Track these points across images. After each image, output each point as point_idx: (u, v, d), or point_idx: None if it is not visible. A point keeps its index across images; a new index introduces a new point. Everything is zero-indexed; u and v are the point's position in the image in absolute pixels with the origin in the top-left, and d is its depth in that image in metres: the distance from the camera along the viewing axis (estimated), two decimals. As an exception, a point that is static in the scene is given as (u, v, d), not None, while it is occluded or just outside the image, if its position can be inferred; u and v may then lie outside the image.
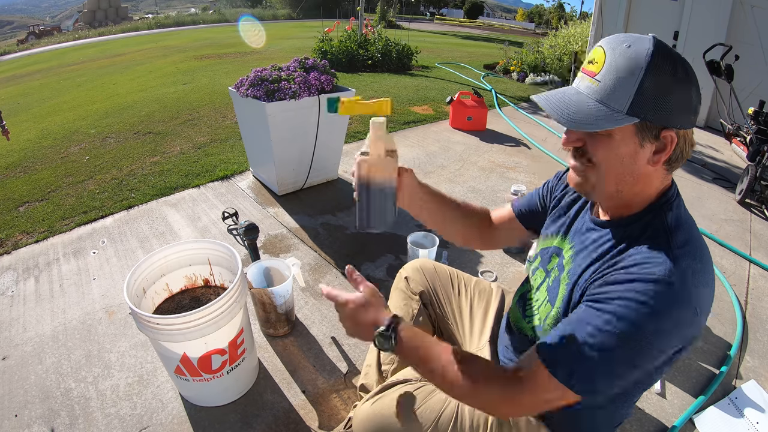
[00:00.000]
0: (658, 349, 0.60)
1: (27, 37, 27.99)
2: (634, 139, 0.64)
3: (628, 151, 0.65)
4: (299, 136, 2.51)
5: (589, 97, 0.64)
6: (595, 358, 0.61)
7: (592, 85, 0.64)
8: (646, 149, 0.64)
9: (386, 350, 0.73)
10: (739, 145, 3.88)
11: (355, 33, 7.11)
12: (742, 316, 1.87)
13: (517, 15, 57.81)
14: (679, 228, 0.66)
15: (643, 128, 0.63)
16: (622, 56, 0.61)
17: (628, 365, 0.61)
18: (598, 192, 0.71)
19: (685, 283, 0.59)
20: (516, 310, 0.94)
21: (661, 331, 0.59)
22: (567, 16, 20.83)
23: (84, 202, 2.60)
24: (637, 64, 0.60)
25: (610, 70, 0.62)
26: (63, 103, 5.76)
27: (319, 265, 2.07)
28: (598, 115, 0.62)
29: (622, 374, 0.62)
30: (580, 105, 0.64)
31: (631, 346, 0.60)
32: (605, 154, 0.66)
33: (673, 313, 0.59)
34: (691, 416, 1.39)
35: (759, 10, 4.42)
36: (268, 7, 31.28)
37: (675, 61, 0.60)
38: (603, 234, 0.73)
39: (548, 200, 0.97)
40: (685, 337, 0.61)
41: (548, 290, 0.82)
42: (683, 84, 0.61)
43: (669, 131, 0.63)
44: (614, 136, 0.64)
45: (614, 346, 0.60)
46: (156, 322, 1.09)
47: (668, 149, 0.64)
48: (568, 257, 0.79)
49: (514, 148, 3.76)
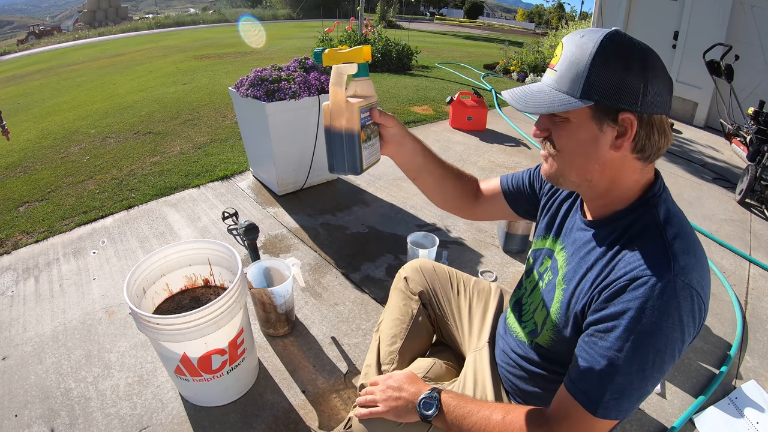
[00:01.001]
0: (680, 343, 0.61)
1: (27, 37, 27.98)
2: (592, 123, 0.65)
3: (587, 135, 0.66)
4: (299, 136, 2.51)
5: (549, 86, 0.67)
6: (633, 382, 0.62)
7: (551, 75, 0.68)
8: (606, 134, 0.65)
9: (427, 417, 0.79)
10: (739, 145, 3.88)
11: (355, 33, 7.10)
12: (742, 316, 1.87)
13: (517, 15, 57.79)
14: (669, 222, 0.66)
15: (599, 112, 0.64)
16: (576, 46, 0.64)
17: (659, 371, 0.62)
18: (565, 180, 0.73)
19: (687, 277, 0.60)
20: (512, 314, 0.94)
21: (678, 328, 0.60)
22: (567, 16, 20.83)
23: (84, 202, 2.60)
24: (587, 49, 0.63)
25: (564, 60, 0.65)
26: (63, 103, 5.76)
27: (319, 265, 2.07)
28: (554, 100, 0.65)
29: (655, 381, 0.63)
30: (540, 94, 0.67)
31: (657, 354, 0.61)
32: (566, 140, 0.69)
33: (682, 307, 0.60)
34: (691, 416, 1.39)
35: (759, 10, 4.42)
36: (268, 7, 31.29)
37: (628, 49, 0.62)
38: (593, 234, 0.73)
39: (538, 187, 0.96)
40: (696, 326, 0.63)
41: (543, 294, 0.82)
42: (637, 70, 0.61)
43: (627, 114, 0.63)
44: (572, 120, 0.66)
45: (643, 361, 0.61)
46: (156, 322, 1.09)
47: (629, 133, 0.64)
48: (561, 260, 0.79)
49: (514, 148, 3.76)
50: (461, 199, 1.03)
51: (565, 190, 0.88)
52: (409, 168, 0.95)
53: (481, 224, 2.46)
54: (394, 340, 1.12)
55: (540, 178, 0.96)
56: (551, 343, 0.79)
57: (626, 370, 0.61)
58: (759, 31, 4.46)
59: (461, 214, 1.08)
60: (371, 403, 0.86)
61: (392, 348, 1.11)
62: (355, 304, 1.82)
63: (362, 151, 0.77)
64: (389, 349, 1.11)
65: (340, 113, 0.73)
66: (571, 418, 0.66)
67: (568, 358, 0.73)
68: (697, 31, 4.79)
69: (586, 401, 0.64)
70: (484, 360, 0.98)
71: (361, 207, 2.61)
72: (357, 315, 1.76)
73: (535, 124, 0.73)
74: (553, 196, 0.91)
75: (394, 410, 0.82)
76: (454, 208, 1.05)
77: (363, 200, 2.70)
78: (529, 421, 0.71)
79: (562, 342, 0.76)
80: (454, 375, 1.05)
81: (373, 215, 2.53)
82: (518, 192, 0.99)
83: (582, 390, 0.65)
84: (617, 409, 0.63)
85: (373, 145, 0.83)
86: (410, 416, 0.81)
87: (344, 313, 1.77)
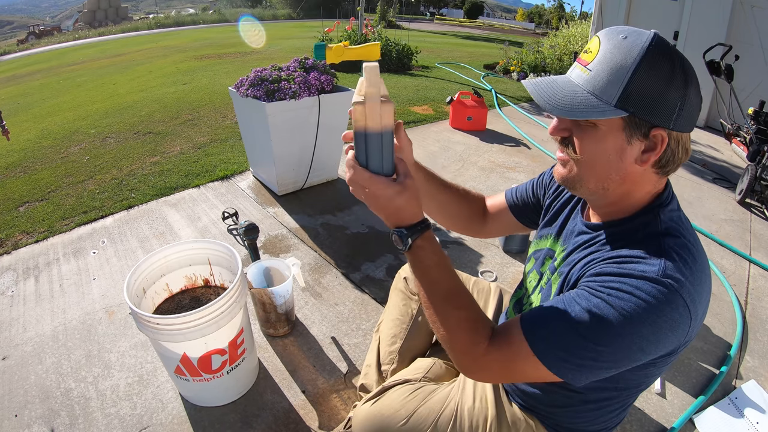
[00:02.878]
0: (640, 347, 0.58)
1: (27, 37, 27.99)
2: (621, 134, 0.62)
3: (614, 146, 0.63)
4: (299, 136, 2.51)
5: (579, 86, 0.62)
6: (575, 338, 0.59)
7: (583, 74, 0.63)
8: (634, 147, 0.62)
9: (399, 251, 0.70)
10: (739, 145, 3.88)
11: (355, 33, 7.10)
12: (742, 316, 1.87)
13: (517, 15, 57.81)
14: (672, 230, 0.64)
15: (632, 124, 0.60)
16: (617, 47, 0.59)
17: (607, 356, 0.59)
18: (582, 186, 0.69)
19: (679, 284, 0.57)
20: (513, 315, 0.94)
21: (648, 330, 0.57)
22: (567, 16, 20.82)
23: (84, 202, 2.60)
24: (630, 57, 0.58)
25: (602, 60, 0.60)
26: (63, 103, 5.76)
27: (319, 265, 2.07)
28: (586, 104, 0.60)
29: (597, 361, 0.59)
30: (569, 93, 0.62)
31: (615, 338, 0.58)
32: (590, 147, 0.64)
33: (665, 313, 0.56)
34: (691, 416, 1.39)
35: (759, 10, 4.43)
36: (268, 7, 31.29)
37: (673, 59, 0.58)
38: (592, 237, 0.72)
39: (542, 194, 0.95)
40: (673, 340, 0.59)
41: (542, 293, 0.81)
42: (680, 84, 0.58)
43: (660, 130, 0.60)
44: (600, 127, 0.62)
45: (597, 331, 0.58)
46: (156, 322, 1.09)
47: (658, 149, 0.61)
48: (560, 259, 0.78)
49: (514, 148, 3.76)
50: (469, 220, 1.01)
51: (569, 192, 0.87)
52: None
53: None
54: (394, 340, 1.12)
55: (543, 184, 0.95)
56: None
57: (580, 328, 0.59)
58: (759, 31, 4.46)
59: (470, 234, 1.07)
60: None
61: (392, 348, 1.11)
62: (355, 304, 1.82)
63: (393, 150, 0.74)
64: (389, 349, 1.11)
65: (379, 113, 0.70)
66: (508, 337, 0.65)
67: None
68: (697, 31, 4.79)
69: (528, 329, 0.63)
70: (483, 360, 0.98)
71: (361, 207, 2.61)
72: (357, 315, 1.76)
73: (554, 121, 0.68)
74: (557, 198, 0.90)
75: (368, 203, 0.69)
76: (462, 229, 1.04)
77: (363, 200, 2.69)
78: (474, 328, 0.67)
79: None
80: (454, 375, 1.05)
81: (373, 215, 2.51)
82: (524, 203, 0.98)
83: (530, 318, 0.65)
84: (551, 357, 0.61)
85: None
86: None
87: (344, 313, 1.77)
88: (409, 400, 0.92)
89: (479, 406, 0.88)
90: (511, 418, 0.86)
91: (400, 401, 0.92)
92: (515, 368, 0.65)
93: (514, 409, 0.87)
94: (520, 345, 0.63)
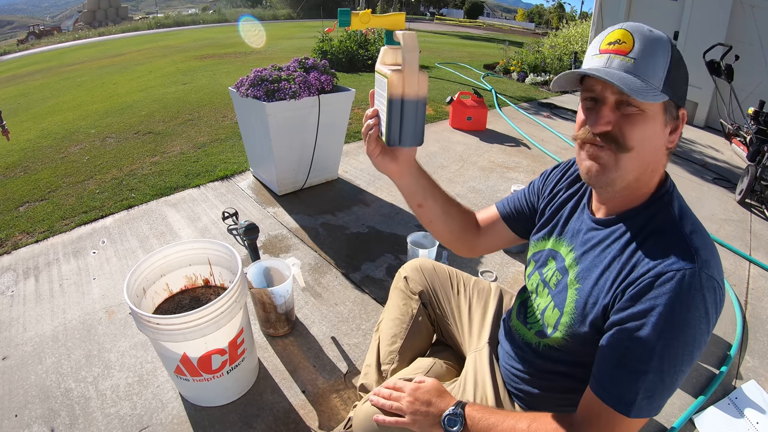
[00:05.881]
0: (706, 335, 0.62)
1: (27, 37, 27.98)
2: (663, 117, 0.65)
3: (659, 129, 0.66)
4: (299, 136, 2.51)
5: (630, 73, 0.63)
6: (665, 379, 0.61)
7: (626, 62, 0.64)
8: (667, 129, 0.67)
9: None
10: (739, 145, 3.88)
11: (355, 33, 7.10)
12: (742, 316, 1.87)
13: (517, 15, 57.82)
14: (684, 217, 0.68)
15: (669, 107, 0.65)
16: (653, 39, 0.64)
17: (689, 364, 0.63)
18: (621, 179, 0.67)
19: (709, 269, 0.61)
20: (516, 318, 0.93)
21: (704, 320, 0.61)
22: (567, 16, 20.82)
23: (84, 202, 2.60)
24: (665, 44, 0.64)
25: (644, 49, 0.64)
26: (63, 103, 5.76)
27: (319, 265, 2.07)
28: (646, 88, 0.62)
29: (684, 374, 0.63)
30: (625, 78, 0.62)
31: (686, 347, 0.61)
32: (640, 134, 0.65)
33: (707, 299, 0.60)
34: (691, 416, 1.39)
35: (759, 10, 4.43)
36: (268, 7, 31.28)
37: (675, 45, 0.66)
38: (608, 233, 0.72)
39: (537, 200, 0.94)
40: (718, 316, 0.63)
41: (553, 295, 0.80)
42: (684, 65, 0.66)
43: (683, 110, 0.67)
44: (648, 113, 0.64)
45: (676, 367, 0.61)
46: (156, 322, 1.09)
47: (680, 128, 0.67)
48: (570, 260, 0.78)
49: (514, 148, 3.76)
50: (465, 231, 0.99)
51: (566, 191, 0.87)
52: (416, 191, 0.89)
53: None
54: (394, 339, 1.12)
55: (536, 191, 0.95)
56: (564, 343, 0.77)
57: (658, 368, 0.61)
58: (759, 31, 4.46)
59: (463, 249, 1.03)
60: (397, 411, 0.83)
61: (392, 348, 1.11)
62: (355, 304, 1.82)
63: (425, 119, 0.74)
64: (389, 348, 1.11)
65: (419, 81, 0.69)
66: (602, 421, 0.65)
67: (582, 358, 0.72)
68: (697, 31, 4.79)
69: (618, 403, 0.63)
70: (483, 360, 0.98)
71: (361, 207, 2.61)
72: (357, 315, 1.76)
73: (600, 117, 0.66)
74: (552, 200, 0.90)
75: (420, 423, 0.80)
76: (456, 241, 1.01)
77: (363, 200, 2.70)
78: (556, 427, 0.69)
79: (578, 341, 0.74)
80: (454, 375, 1.05)
81: (373, 215, 2.53)
82: (518, 212, 0.97)
83: (612, 392, 0.64)
84: (650, 407, 0.63)
85: None
86: (434, 430, 0.80)
87: (344, 313, 1.77)
88: (410, 401, 0.92)
89: (479, 407, 0.88)
90: (512, 418, 0.86)
91: (401, 401, 0.92)
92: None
93: (516, 410, 0.87)
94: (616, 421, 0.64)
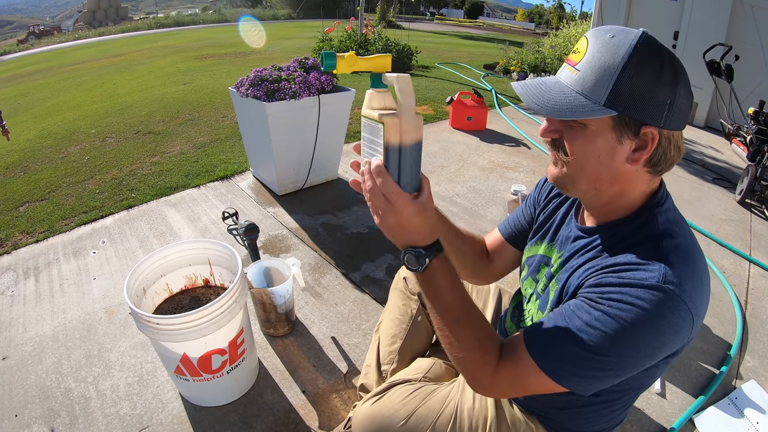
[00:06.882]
0: (646, 354, 0.59)
1: (27, 37, 27.99)
2: (612, 133, 0.61)
3: (604, 145, 0.62)
4: (299, 136, 2.51)
5: (568, 87, 0.62)
6: (581, 352, 0.60)
7: (571, 74, 0.62)
8: (624, 146, 0.62)
9: (411, 270, 0.68)
10: (739, 145, 3.88)
11: (355, 33, 7.10)
12: (742, 316, 1.87)
13: (517, 15, 57.82)
14: (669, 231, 0.64)
15: (622, 123, 0.60)
16: (604, 47, 0.59)
17: (614, 365, 0.60)
18: (574, 187, 0.69)
19: (680, 288, 0.57)
20: (511, 320, 0.94)
21: (652, 338, 0.58)
22: (567, 16, 20.82)
23: (84, 202, 2.60)
24: (618, 55, 0.58)
25: (590, 60, 0.60)
26: (63, 103, 5.76)
27: (319, 265, 2.07)
28: (575, 104, 0.60)
29: (604, 371, 0.61)
30: (557, 94, 0.62)
31: (619, 349, 0.58)
32: (581, 147, 0.64)
33: (667, 319, 0.57)
34: (691, 416, 1.39)
35: (759, 10, 4.43)
36: (268, 7, 31.27)
37: (662, 57, 0.58)
38: (591, 240, 0.72)
39: (534, 211, 0.94)
40: (677, 342, 0.60)
41: (539, 299, 0.80)
42: (669, 82, 0.58)
43: (650, 128, 0.60)
44: (590, 128, 0.62)
45: (602, 344, 0.58)
46: (156, 322, 1.09)
47: (649, 147, 0.61)
48: (556, 266, 0.78)
49: (514, 148, 3.76)
50: (477, 263, 0.99)
51: (559, 198, 0.87)
52: None
53: (481, 225, 2.46)
54: (394, 340, 1.12)
55: (533, 203, 0.95)
56: None
57: (584, 341, 0.59)
58: (759, 31, 4.46)
59: (477, 278, 1.03)
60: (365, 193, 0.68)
61: (392, 348, 1.11)
62: (355, 304, 1.82)
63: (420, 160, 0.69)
64: (389, 349, 1.11)
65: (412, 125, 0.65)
66: (516, 357, 0.65)
67: None
68: (697, 31, 4.79)
69: (534, 346, 0.64)
70: (483, 361, 0.98)
71: (361, 207, 2.61)
72: (357, 315, 1.76)
73: (544, 124, 0.67)
74: (546, 206, 0.90)
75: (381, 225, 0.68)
76: (471, 274, 1.00)
77: (363, 200, 2.67)
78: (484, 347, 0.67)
79: None
80: (454, 375, 1.05)
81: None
82: (519, 231, 0.97)
83: (535, 335, 0.65)
84: (560, 372, 0.62)
85: None
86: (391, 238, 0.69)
87: (344, 313, 1.77)
88: (409, 400, 0.92)
89: (479, 407, 0.88)
90: (511, 419, 0.86)
91: (400, 401, 0.92)
92: (525, 385, 0.65)
93: (515, 410, 0.87)
94: (528, 363, 0.63)
